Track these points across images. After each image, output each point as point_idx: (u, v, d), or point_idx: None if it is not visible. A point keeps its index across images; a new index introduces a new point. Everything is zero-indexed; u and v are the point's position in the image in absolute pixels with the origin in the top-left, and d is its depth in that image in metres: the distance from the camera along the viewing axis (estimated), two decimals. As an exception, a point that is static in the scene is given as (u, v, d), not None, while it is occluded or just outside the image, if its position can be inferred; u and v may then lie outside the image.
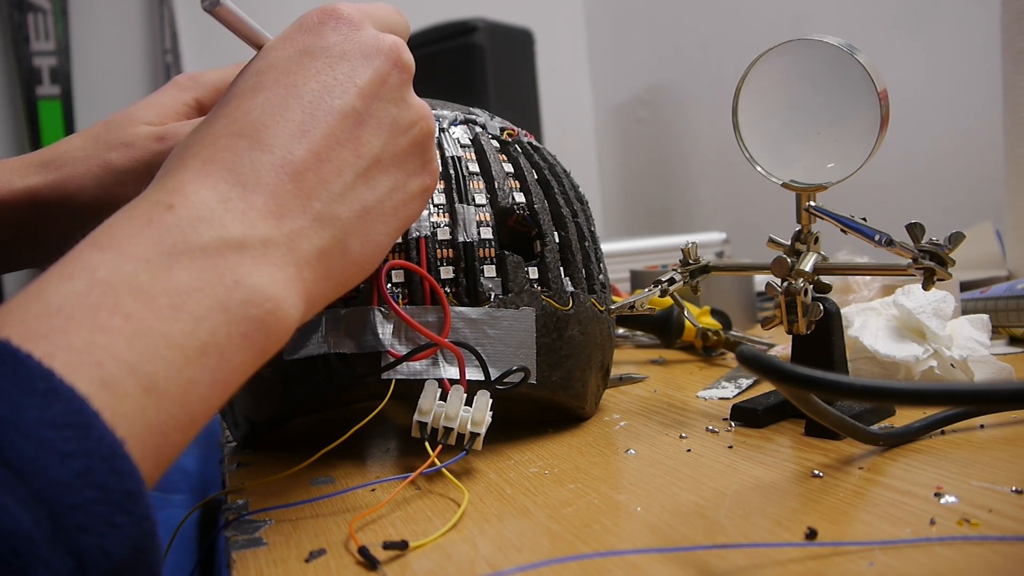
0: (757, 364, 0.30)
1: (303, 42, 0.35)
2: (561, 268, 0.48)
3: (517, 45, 1.61)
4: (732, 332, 0.75)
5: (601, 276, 0.52)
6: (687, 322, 0.73)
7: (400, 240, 0.43)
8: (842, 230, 0.47)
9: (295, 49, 0.35)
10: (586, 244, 0.50)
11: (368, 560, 0.32)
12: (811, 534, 0.31)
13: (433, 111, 0.49)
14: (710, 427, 0.48)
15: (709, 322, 0.74)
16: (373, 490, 0.41)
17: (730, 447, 0.44)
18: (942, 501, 0.34)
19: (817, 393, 0.37)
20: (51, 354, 0.23)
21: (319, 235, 0.32)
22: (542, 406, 0.49)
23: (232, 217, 0.30)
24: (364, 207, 0.35)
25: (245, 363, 0.29)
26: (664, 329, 0.74)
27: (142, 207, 0.29)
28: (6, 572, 0.19)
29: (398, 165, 0.36)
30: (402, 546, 0.33)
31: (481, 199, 0.46)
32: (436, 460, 0.39)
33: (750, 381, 0.60)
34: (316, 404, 0.44)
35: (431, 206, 0.45)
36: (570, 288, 0.48)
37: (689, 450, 0.44)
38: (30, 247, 0.48)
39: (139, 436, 0.24)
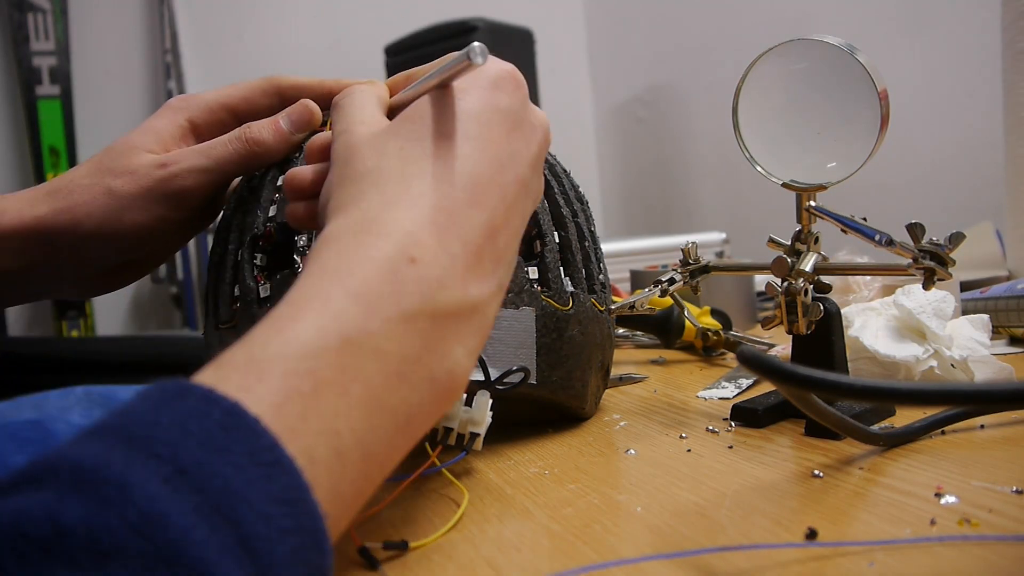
0: (758, 364, 0.30)
1: (494, 98, 0.34)
2: (561, 268, 0.48)
3: (517, 45, 1.61)
4: (732, 332, 0.75)
5: (601, 276, 0.52)
6: (687, 322, 0.73)
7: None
8: (842, 230, 0.47)
9: (488, 103, 0.34)
10: (586, 244, 0.50)
11: (368, 560, 0.32)
12: (811, 534, 0.31)
13: None
14: (710, 427, 0.48)
15: (709, 322, 0.74)
16: (373, 490, 0.41)
17: (730, 447, 0.44)
18: (942, 501, 0.34)
19: (818, 393, 0.37)
20: (292, 428, 0.24)
21: (499, 298, 0.33)
22: (542, 406, 0.49)
23: (456, 279, 0.30)
24: (511, 256, 0.35)
25: (429, 424, 0.30)
26: (664, 329, 0.74)
27: (384, 248, 0.29)
28: None
29: (531, 172, 0.36)
30: (402, 546, 0.33)
31: None
32: (436, 460, 0.39)
33: (750, 381, 0.60)
34: None
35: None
36: (570, 288, 0.48)
37: (689, 450, 0.44)
38: (38, 277, 0.49)
39: (348, 502, 0.25)
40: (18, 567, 0.18)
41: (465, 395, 0.41)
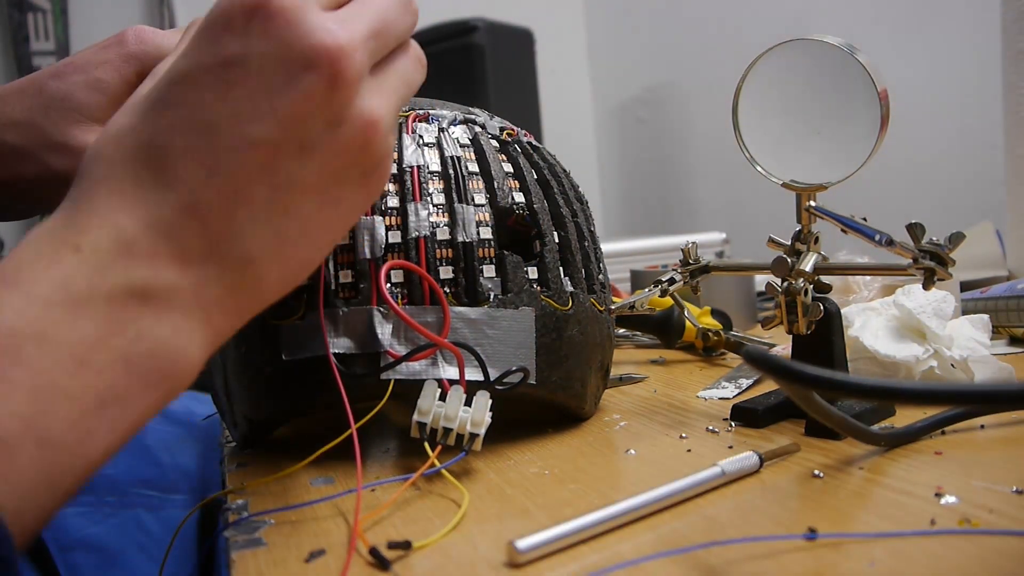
0: (765, 364, 0.29)
1: (223, 47, 0.29)
2: (560, 268, 0.48)
3: (517, 45, 1.61)
4: (733, 332, 0.75)
5: (601, 276, 0.52)
6: (687, 322, 0.73)
7: (400, 240, 0.43)
8: (842, 230, 0.47)
9: (214, 56, 0.30)
10: (586, 244, 0.50)
11: (379, 560, 0.32)
12: (811, 534, 0.31)
13: (432, 111, 0.49)
14: (710, 427, 0.48)
15: (709, 322, 0.74)
16: (373, 490, 0.41)
17: (730, 447, 0.44)
18: (942, 501, 0.34)
19: (828, 393, 0.37)
20: None
21: (228, 276, 0.30)
22: (542, 406, 0.49)
23: (137, 263, 0.28)
24: (283, 237, 0.31)
25: (147, 408, 0.28)
26: (664, 329, 0.74)
27: (51, 242, 0.28)
28: None
29: (331, 184, 0.32)
30: (405, 546, 0.33)
31: (480, 199, 0.46)
32: (436, 461, 0.39)
33: (750, 381, 0.60)
34: (315, 404, 0.44)
35: (430, 206, 0.44)
36: (569, 288, 0.48)
37: (689, 450, 0.44)
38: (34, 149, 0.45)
39: (28, 489, 0.24)
40: None
41: (464, 395, 0.41)
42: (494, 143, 0.49)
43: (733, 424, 0.49)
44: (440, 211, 0.45)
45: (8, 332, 0.26)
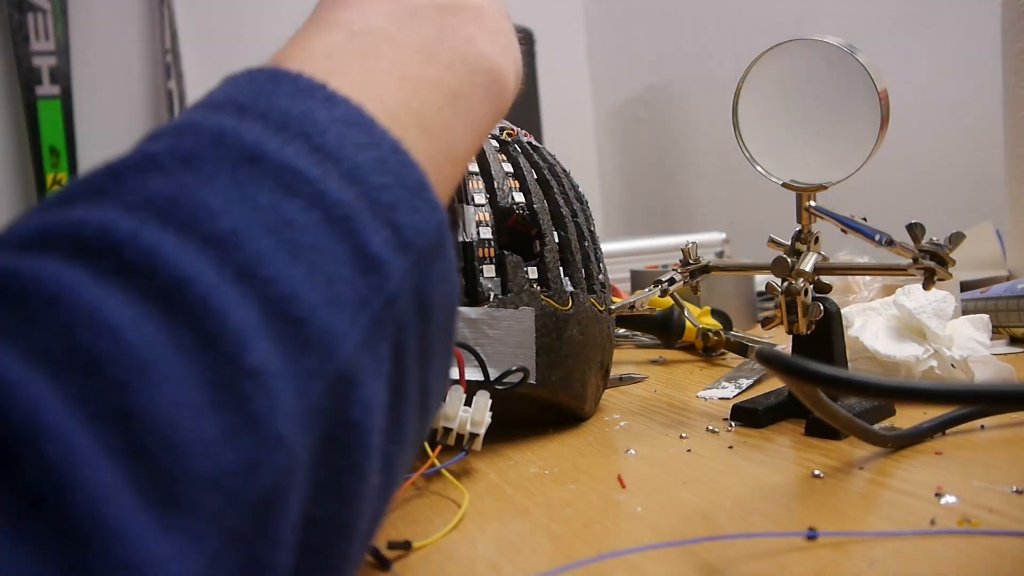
0: (776, 362, 0.29)
1: None
2: (560, 268, 0.48)
3: (517, 45, 1.60)
4: (732, 332, 0.75)
5: (601, 276, 0.52)
6: (687, 322, 0.73)
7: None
8: (842, 230, 0.47)
9: None
10: (586, 244, 0.50)
11: (379, 560, 0.32)
12: (812, 534, 0.31)
13: None
14: (710, 427, 0.48)
15: (710, 322, 0.74)
16: (373, 490, 0.41)
17: (730, 447, 0.44)
18: (942, 501, 0.34)
19: (837, 391, 0.37)
20: (336, 91, 0.24)
21: (505, 21, 0.34)
22: (542, 406, 0.49)
23: None
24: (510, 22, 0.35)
25: (487, 114, 0.30)
26: (665, 329, 0.74)
27: None
28: (342, 233, 0.21)
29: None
30: (406, 546, 0.32)
31: (480, 199, 0.46)
32: (436, 461, 0.39)
33: (750, 381, 0.60)
34: None
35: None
36: (569, 288, 0.48)
37: (689, 450, 0.44)
38: None
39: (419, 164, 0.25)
40: (115, 184, 0.19)
41: (464, 395, 0.41)
42: (494, 143, 0.49)
43: (733, 424, 0.49)
44: (440, 211, 0.45)
45: (363, 36, 0.27)
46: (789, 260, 0.48)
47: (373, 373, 0.21)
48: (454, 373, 0.42)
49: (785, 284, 0.47)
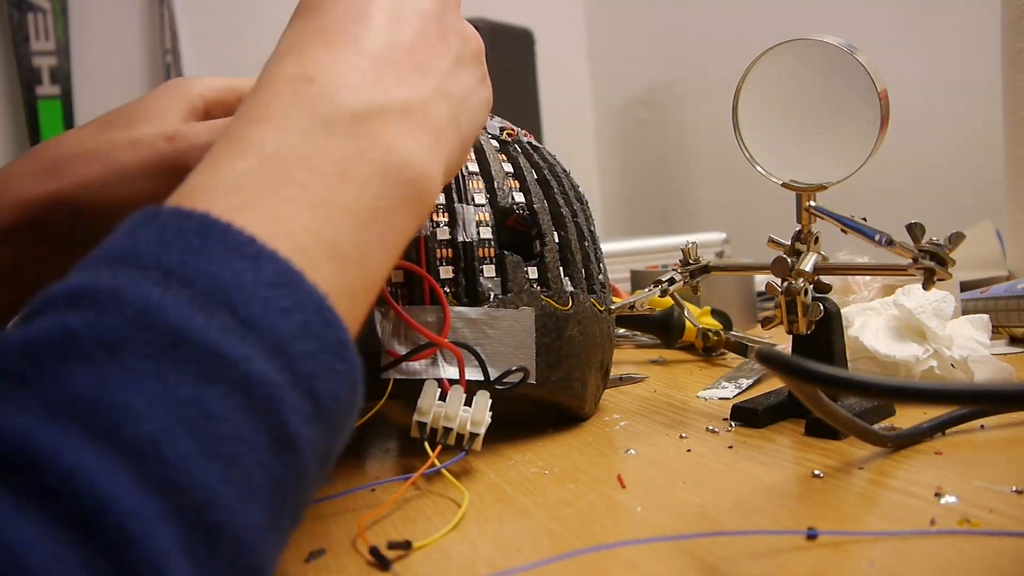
0: (776, 362, 0.29)
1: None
2: (561, 268, 0.48)
3: (517, 45, 1.61)
4: (733, 332, 0.75)
5: (601, 276, 0.52)
6: (687, 322, 0.73)
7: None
8: (842, 230, 0.47)
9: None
10: (586, 244, 0.50)
11: (379, 560, 0.32)
12: (811, 533, 0.31)
13: None
14: (710, 427, 0.48)
15: (710, 322, 0.74)
16: (373, 490, 0.41)
17: (730, 447, 0.44)
18: (942, 501, 0.34)
19: (838, 391, 0.36)
20: (246, 227, 0.24)
21: (443, 106, 0.34)
22: (542, 406, 0.49)
23: (369, 85, 0.31)
24: (463, 92, 0.36)
25: (407, 227, 0.30)
26: (665, 329, 0.74)
27: (280, 82, 0.30)
28: (262, 416, 0.21)
29: (471, 68, 0.37)
30: (406, 546, 0.32)
31: (480, 199, 0.46)
32: (436, 461, 0.39)
33: (750, 381, 0.60)
34: None
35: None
36: (570, 288, 0.48)
37: (689, 450, 0.44)
38: (29, 260, 0.45)
39: (332, 300, 0.25)
40: (36, 372, 0.19)
41: (465, 395, 0.41)
42: (494, 143, 0.49)
43: (733, 424, 0.49)
44: (440, 211, 0.44)
45: (275, 159, 0.27)
46: (789, 260, 0.48)
47: (273, 549, 0.22)
48: (454, 373, 0.42)
49: (785, 284, 0.47)
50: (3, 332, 0.21)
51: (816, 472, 0.39)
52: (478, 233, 0.45)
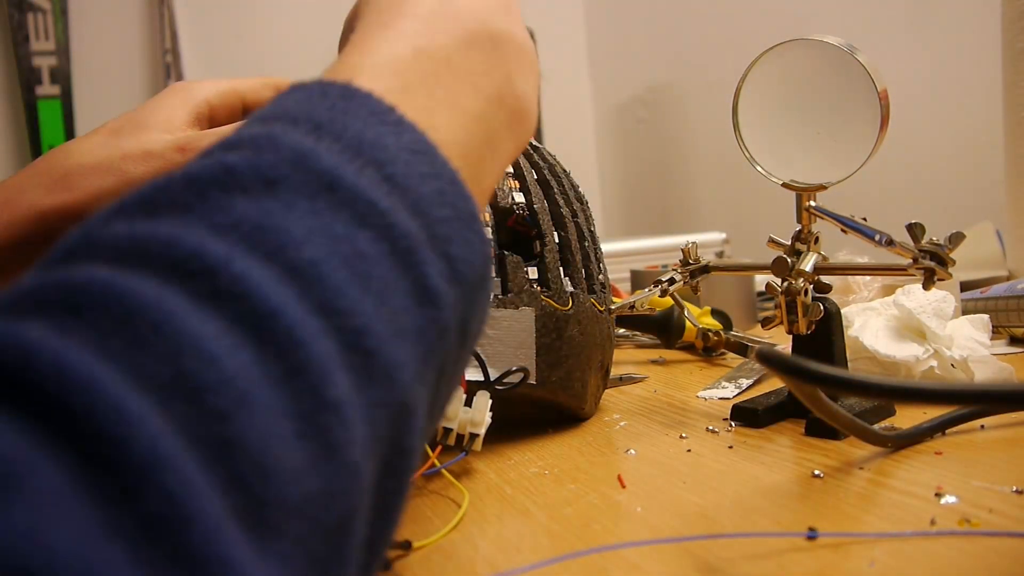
0: (777, 362, 0.29)
1: None
2: (561, 268, 0.47)
3: (517, 45, 1.60)
4: (733, 332, 0.75)
5: (601, 276, 0.52)
6: (687, 322, 0.72)
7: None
8: (843, 230, 0.47)
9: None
10: (586, 244, 0.50)
11: None
12: (811, 534, 0.31)
13: None
14: (710, 427, 0.48)
15: (709, 322, 0.74)
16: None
17: (730, 447, 0.44)
18: (942, 501, 0.34)
19: (838, 392, 0.36)
20: (403, 116, 0.25)
21: (528, 53, 0.33)
22: (542, 406, 0.49)
23: (501, 14, 0.31)
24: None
25: (510, 152, 0.31)
26: (665, 329, 0.74)
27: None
28: (405, 266, 0.22)
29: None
30: (405, 546, 0.32)
31: None
32: (436, 461, 0.39)
33: (750, 381, 0.60)
34: None
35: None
36: (570, 288, 0.48)
37: (689, 450, 0.44)
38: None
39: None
40: (201, 200, 0.20)
41: (464, 395, 0.41)
42: None
43: (733, 424, 0.49)
44: (440, 211, 0.44)
45: (426, 51, 0.28)
46: (789, 260, 0.48)
47: (422, 400, 0.22)
48: None
49: (785, 284, 0.47)
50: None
51: (816, 472, 0.39)
52: None
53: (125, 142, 0.44)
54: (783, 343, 0.70)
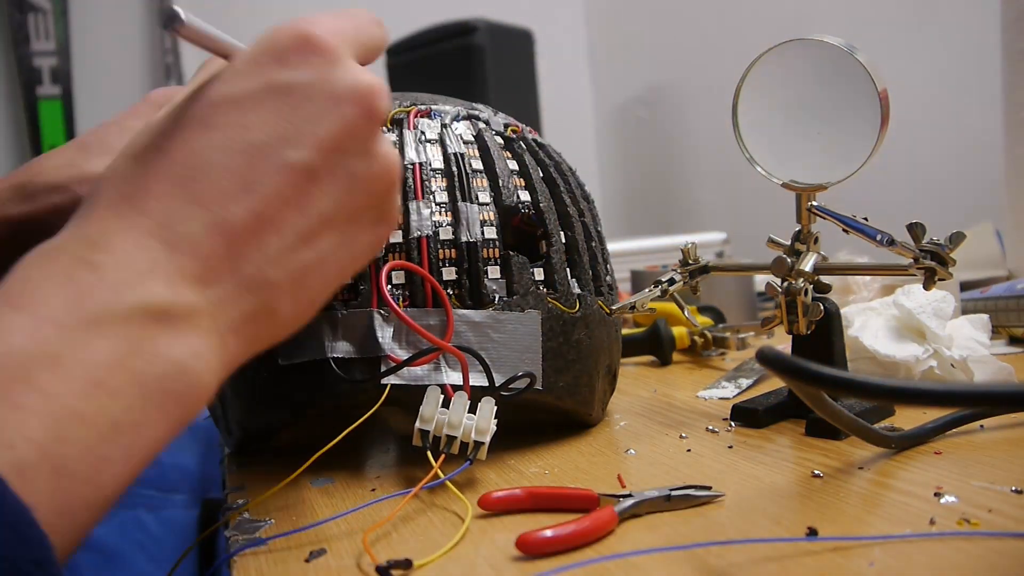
0: (777, 363, 0.29)
1: (268, 74, 0.31)
2: (567, 269, 0.46)
3: (517, 45, 1.61)
4: (720, 326, 0.74)
5: (608, 277, 0.51)
6: (675, 332, 0.71)
7: (401, 240, 0.43)
8: (844, 230, 0.47)
9: (258, 82, 0.31)
10: (593, 244, 0.49)
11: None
12: (811, 534, 0.31)
13: (434, 106, 0.48)
14: (710, 427, 0.48)
15: (700, 320, 0.74)
16: (373, 490, 0.41)
17: (730, 447, 0.44)
18: (942, 501, 0.34)
19: (838, 393, 0.36)
20: None
21: (247, 301, 0.30)
22: (547, 412, 0.48)
23: (156, 282, 0.27)
24: (302, 269, 0.31)
25: (159, 437, 0.27)
26: (656, 347, 0.71)
27: (62, 261, 0.27)
28: None
29: (350, 222, 0.33)
30: (406, 565, 0.31)
31: (485, 197, 0.44)
32: (440, 472, 0.38)
33: (750, 381, 0.60)
34: (313, 411, 0.43)
35: (433, 204, 0.44)
36: (577, 290, 0.47)
37: (689, 450, 0.44)
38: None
39: (45, 517, 0.23)
40: None
41: (468, 401, 0.40)
42: (498, 140, 0.48)
43: (733, 424, 0.49)
44: (443, 210, 0.44)
45: (20, 355, 0.24)
46: (789, 260, 0.48)
47: None
48: (458, 379, 0.41)
49: (785, 284, 0.48)
50: None
51: (816, 472, 0.39)
52: (482, 233, 0.43)
53: (86, 163, 0.45)
54: (783, 343, 0.70)
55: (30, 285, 0.26)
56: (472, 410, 0.40)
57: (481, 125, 0.48)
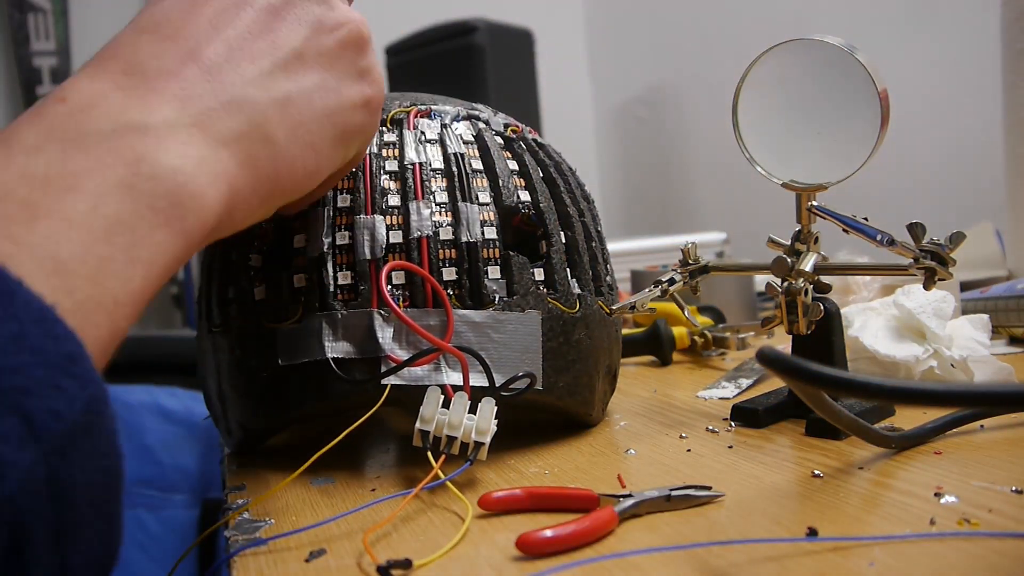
0: (777, 363, 0.29)
1: None
2: (568, 269, 0.46)
3: (517, 45, 1.61)
4: (720, 326, 0.74)
5: (608, 277, 0.51)
6: (675, 332, 0.71)
7: (401, 240, 0.43)
8: (844, 230, 0.47)
9: None
10: (593, 245, 0.49)
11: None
12: (811, 534, 0.31)
13: (434, 106, 0.48)
14: (710, 427, 0.48)
15: (700, 320, 0.73)
16: (373, 490, 0.41)
17: (730, 447, 0.44)
18: (942, 501, 0.34)
19: (839, 393, 0.36)
20: None
21: (233, 118, 0.31)
22: (548, 413, 0.48)
23: (131, 103, 0.28)
24: (285, 95, 0.33)
25: (164, 242, 0.28)
26: (656, 347, 0.71)
27: (35, 109, 0.28)
28: None
29: (325, 65, 0.35)
30: (405, 565, 0.31)
31: (485, 197, 0.44)
32: (440, 472, 0.38)
33: (750, 381, 0.60)
34: (313, 411, 0.43)
35: (433, 204, 0.44)
36: (577, 290, 0.47)
37: (689, 450, 0.44)
38: None
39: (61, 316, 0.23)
40: None
41: (469, 402, 0.40)
42: (498, 140, 0.48)
43: (733, 424, 0.49)
44: (443, 210, 0.44)
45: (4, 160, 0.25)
46: (789, 260, 0.48)
47: None
48: (458, 379, 0.42)
49: (785, 284, 0.48)
50: None
51: (816, 472, 0.39)
52: (482, 233, 0.43)
53: None
54: (783, 343, 0.70)
55: (13, 127, 0.28)
56: (472, 410, 0.40)
57: (481, 125, 0.48)
